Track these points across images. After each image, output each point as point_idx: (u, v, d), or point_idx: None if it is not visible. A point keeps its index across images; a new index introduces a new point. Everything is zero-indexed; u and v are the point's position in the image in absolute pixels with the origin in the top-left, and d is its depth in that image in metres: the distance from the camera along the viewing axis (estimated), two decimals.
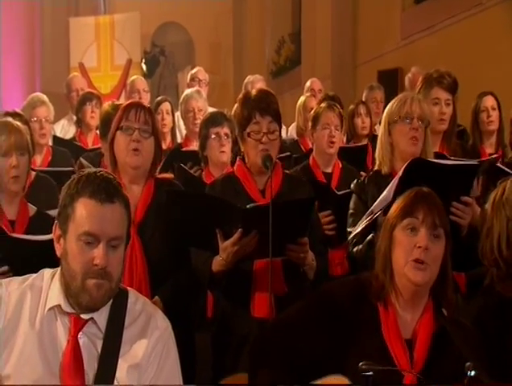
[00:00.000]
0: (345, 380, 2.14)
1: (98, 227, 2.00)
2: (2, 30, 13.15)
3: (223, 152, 4.03)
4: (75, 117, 5.82)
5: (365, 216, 2.97)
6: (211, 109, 5.25)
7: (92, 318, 2.06)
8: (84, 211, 2.01)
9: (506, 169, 3.22)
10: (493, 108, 4.65)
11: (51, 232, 2.14)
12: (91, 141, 5.33)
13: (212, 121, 4.11)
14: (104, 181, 2.05)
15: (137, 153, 2.97)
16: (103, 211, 2.01)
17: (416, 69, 6.05)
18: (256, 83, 6.29)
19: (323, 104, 4.45)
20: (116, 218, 2.03)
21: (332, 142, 4.20)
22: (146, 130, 3.00)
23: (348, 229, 3.17)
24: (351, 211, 3.23)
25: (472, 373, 1.83)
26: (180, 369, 2.14)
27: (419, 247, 2.19)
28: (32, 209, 3.21)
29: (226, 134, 4.02)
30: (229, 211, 2.84)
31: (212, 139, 4.03)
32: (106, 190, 2.02)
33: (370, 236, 2.93)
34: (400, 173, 2.80)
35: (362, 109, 5.39)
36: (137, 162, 2.99)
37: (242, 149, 3.12)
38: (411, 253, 2.20)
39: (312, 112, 4.49)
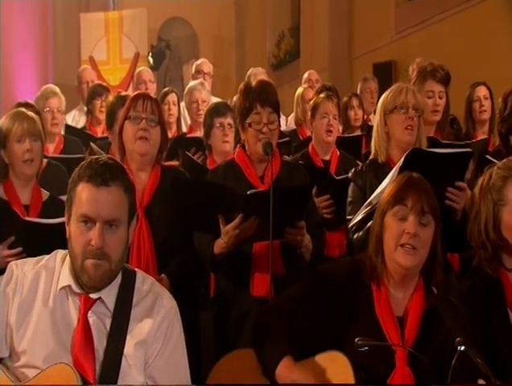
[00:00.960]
0: (341, 356, 2.14)
1: (93, 210, 2.00)
2: (17, 27, 13.17)
3: (226, 141, 4.02)
4: (85, 108, 5.81)
5: (364, 206, 2.96)
6: (215, 99, 5.24)
7: (100, 298, 2.06)
8: (82, 194, 2.02)
9: (493, 159, 3.20)
10: (486, 98, 4.65)
11: (63, 216, 2.14)
12: (100, 130, 5.30)
13: (217, 111, 4.10)
14: (102, 166, 2.04)
15: (144, 141, 2.98)
16: (98, 194, 2.00)
17: (420, 60, 6.01)
18: (258, 75, 6.25)
19: (321, 95, 4.43)
20: (111, 201, 2.02)
21: (330, 131, 4.19)
22: (152, 119, 3.00)
23: (348, 217, 3.15)
24: (349, 199, 3.21)
25: (462, 348, 1.83)
26: (185, 345, 2.14)
27: (408, 233, 2.19)
28: (45, 194, 3.22)
29: (230, 124, 4.01)
30: (230, 198, 2.84)
31: (216, 129, 4.03)
32: (102, 174, 2.02)
33: (370, 224, 2.91)
34: (400, 162, 2.78)
35: (355, 102, 5.37)
36: (144, 149, 2.99)
37: (243, 138, 3.12)
38: (400, 239, 2.20)
39: (311, 102, 4.47)
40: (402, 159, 2.79)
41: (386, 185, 2.75)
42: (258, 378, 2.19)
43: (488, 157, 3.22)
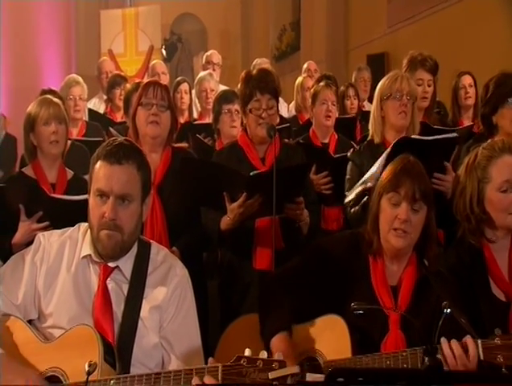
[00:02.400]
0: (339, 319, 2.15)
1: (107, 185, 2.00)
2: (44, 23, 13.24)
3: (234, 126, 4.00)
4: (105, 96, 5.81)
5: (358, 183, 2.94)
6: (222, 88, 5.22)
7: (118, 266, 2.07)
8: (99, 171, 2.03)
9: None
10: (471, 86, 4.64)
11: (85, 194, 2.14)
12: (120, 116, 5.30)
13: (225, 98, 4.08)
14: (116, 146, 2.05)
15: (155, 124, 2.96)
16: (111, 171, 2.01)
17: (413, 52, 5.95)
18: (262, 65, 6.21)
19: (321, 83, 4.43)
20: (123, 177, 2.02)
21: (329, 116, 4.19)
22: (162, 105, 2.98)
23: (346, 192, 3.14)
24: (348, 176, 3.19)
25: (448, 310, 1.83)
26: (196, 310, 2.15)
27: (400, 219, 2.18)
28: (70, 173, 3.23)
29: (237, 110, 3.97)
30: (234, 178, 2.83)
31: (224, 114, 4.01)
32: (116, 154, 2.02)
33: (365, 199, 2.90)
34: (388, 150, 2.76)
35: (351, 92, 5.35)
36: (155, 132, 2.97)
37: (244, 122, 3.11)
38: (393, 223, 2.19)
39: (312, 90, 4.47)
40: (390, 148, 2.77)
41: (377, 167, 2.74)
42: (260, 340, 2.19)
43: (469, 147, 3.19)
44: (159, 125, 2.96)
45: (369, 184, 2.82)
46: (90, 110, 5.28)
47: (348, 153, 3.28)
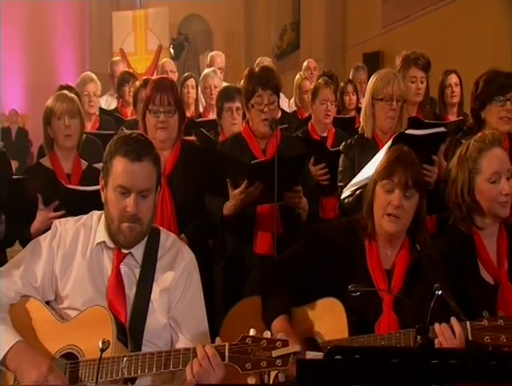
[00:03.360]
0: (337, 302, 2.14)
1: (129, 181, 1.98)
2: (60, 24, 13.30)
3: (234, 124, 3.93)
4: (116, 94, 5.79)
5: (355, 180, 2.90)
6: (226, 84, 5.19)
7: (130, 252, 2.06)
8: (118, 167, 1.99)
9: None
10: (456, 85, 4.57)
11: (98, 184, 2.12)
12: (130, 111, 5.31)
13: (227, 95, 4.01)
14: (135, 143, 2.01)
15: (164, 130, 2.90)
16: (133, 168, 1.98)
17: (406, 52, 5.91)
18: (264, 63, 6.19)
19: (320, 81, 4.41)
20: (144, 174, 2.00)
21: (328, 115, 4.19)
22: (169, 111, 2.90)
23: (339, 183, 3.12)
24: (340, 168, 3.17)
25: (439, 292, 1.82)
26: (202, 292, 2.14)
27: (393, 204, 2.17)
28: (84, 164, 3.21)
29: (238, 107, 3.90)
30: (236, 166, 2.82)
31: (226, 112, 3.95)
32: (136, 150, 1.99)
33: (359, 192, 2.88)
34: (389, 143, 2.73)
35: (350, 88, 5.30)
36: (164, 137, 2.91)
37: (247, 116, 3.09)
38: (386, 209, 2.18)
39: (312, 87, 4.45)
40: (390, 142, 2.74)
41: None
42: (261, 322, 2.18)
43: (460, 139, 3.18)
44: (167, 129, 2.91)
45: (365, 180, 2.80)
46: (101, 109, 5.27)
47: (341, 147, 3.27)
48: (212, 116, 4.48)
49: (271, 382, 1.86)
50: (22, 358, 1.87)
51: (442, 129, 2.96)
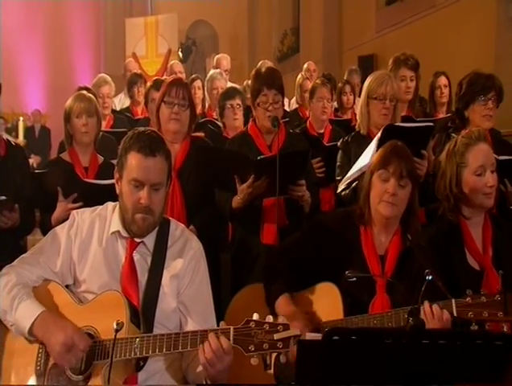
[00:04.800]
0: (333, 286, 2.14)
1: (143, 175, 1.97)
2: (77, 30, 13.40)
3: (236, 119, 3.98)
4: (128, 94, 5.78)
5: (355, 170, 2.89)
6: (231, 85, 5.19)
7: (142, 241, 2.06)
8: (133, 162, 1.98)
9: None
10: (445, 86, 4.57)
11: (113, 177, 2.11)
12: (140, 110, 5.30)
13: (227, 95, 4.05)
14: (149, 139, 2.00)
15: (176, 121, 2.91)
16: (147, 163, 1.97)
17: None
18: (266, 65, 6.17)
19: (318, 81, 4.41)
20: (157, 168, 1.98)
21: (325, 111, 4.17)
22: (183, 104, 2.92)
23: (337, 177, 3.10)
24: (338, 163, 3.16)
25: (430, 277, 1.82)
26: (209, 279, 2.13)
27: (388, 192, 2.17)
28: (100, 159, 3.21)
29: (238, 104, 3.96)
30: (244, 162, 2.80)
31: (227, 109, 3.97)
32: (150, 146, 1.98)
33: (355, 184, 2.87)
34: (379, 135, 2.72)
35: (347, 88, 5.26)
36: (176, 128, 2.92)
37: (254, 114, 3.08)
38: (383, 196, 2.19)
39: (310, 86, 4.43)
40: (380, 132, 2.74)
41: (372, 153, 2.70)
42: (265, 306, 2.18)
43: (452, 134, 3.16)
44: (180, 121, 2.91)
45: (363, 171, 2.79)
46: (113, 111, 5.25)
47: (339, 143, 3.26)
48: (216, 115, 4.47)
49: (273, 363, 1.85)
50: (48, 324, 1.88)
51: (429, 123, 2.95)
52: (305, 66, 6.26)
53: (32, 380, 1.92)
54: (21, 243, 3.11)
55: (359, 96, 5.29)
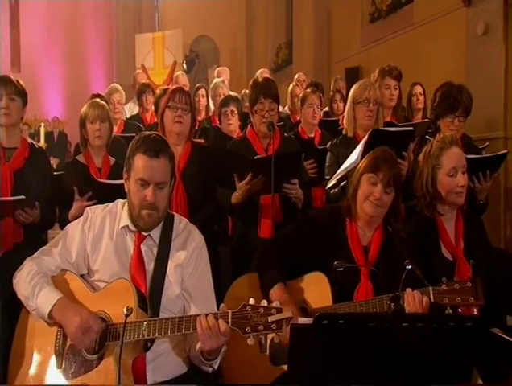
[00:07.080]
0: (322, 275, 2.13)
1: (148, 175, 1.96)
2: (91, 43, 13.40)
3: (230, 124, 4.02)
4: (137, 102, 5.77)
5: (341, 169, 2.89)
6: (231, 93, 5.17)
7: (149, 234, 2.05)
8: (139, 163, 1.98)
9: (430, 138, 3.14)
10: (421, 94, 4.62)
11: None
12: (149, 116, 5.29)
13: (224, 102, 4.11)
14: (153, 142, 2.00)
15: (180, 124, 2.91)
16: (151, 163, 1.96)
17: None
18: (264, 74, 6.16)
19: (308, 90, 4.45)
20: (161, 168, 1.98)
21: (315, 116, 4.17)
22: (185, 109, 2.92)
23: (326, 177, 3.10)
24: (327, 164, 3.17)
25: (409, 267, 1.82)
26: (210, 269, 2.13)
27: (374, 196, 2.17)
28: (112, 160, 3.20)
29: (232, 111, 3.99)
30: (242, 162, 2.80)
31: (223, 116, 4.01)
32: (154, 148, 1.97)
33: (343, 183, 2.87)
34: (365, 138, 2.72)
35: (338, 96, 5.29)
36: (179, 130, 2.92)
37: (251, 120, 3.07)
38: (369, 197, 2.18)
39: (301, 95, 4.44)
40: (367, 136, 2.74)
41: (358, 155, 2.69)
42: (259, 293, 2.17)
43: (427, 137, 3.18)
44: (183, 124, 2.91)
45: (348, 169, 2.78)
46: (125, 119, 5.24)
47: (328, 145, 3.25)
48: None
49: (268, 344, 1.85)
50: (65, 309, 1.88)
51: (410, 128, 2.96)
52: (296, 76, 6.33)
53: (52, 359, 1.92)
54: (43, 237, 3.10)
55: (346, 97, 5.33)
